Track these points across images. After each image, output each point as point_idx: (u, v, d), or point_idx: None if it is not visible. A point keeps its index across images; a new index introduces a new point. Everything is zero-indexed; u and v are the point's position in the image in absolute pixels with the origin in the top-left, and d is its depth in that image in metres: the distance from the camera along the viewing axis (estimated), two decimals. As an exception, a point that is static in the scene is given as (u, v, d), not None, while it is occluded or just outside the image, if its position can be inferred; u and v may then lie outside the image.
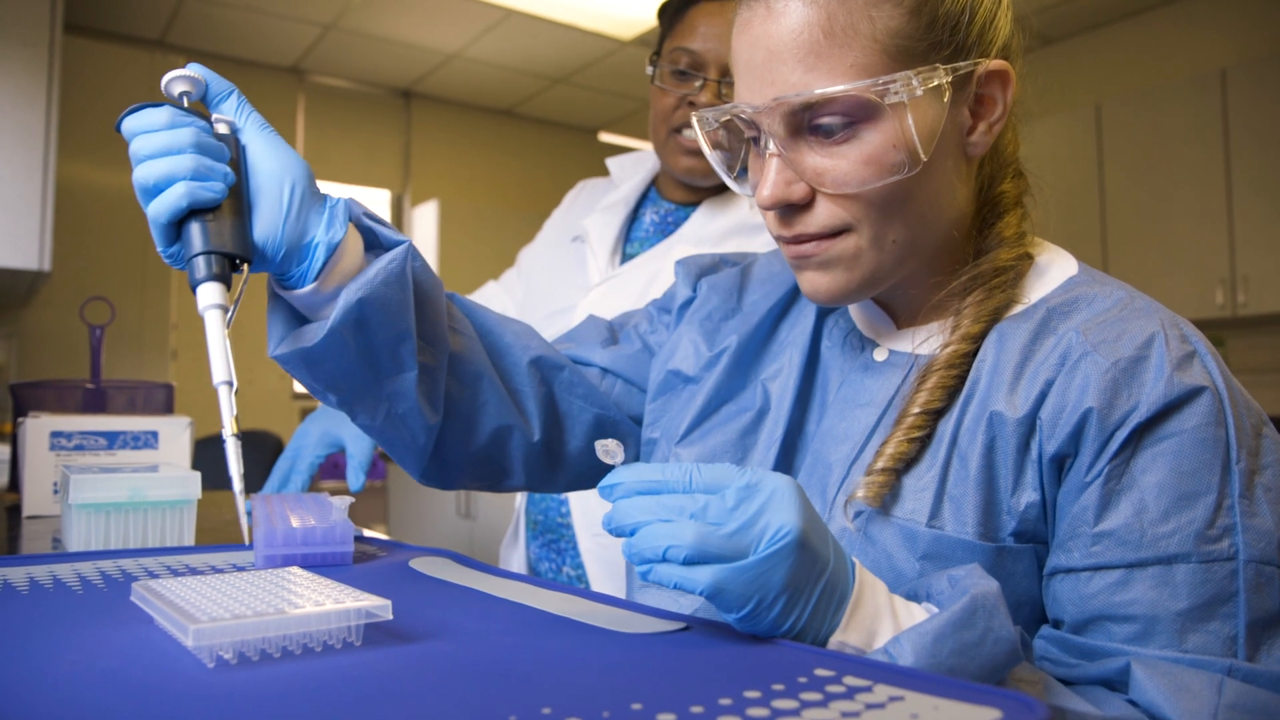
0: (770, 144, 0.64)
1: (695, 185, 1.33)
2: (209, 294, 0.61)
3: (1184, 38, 4.17)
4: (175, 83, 0.65)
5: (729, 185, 0.73)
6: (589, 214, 1.44)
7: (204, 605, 0.47)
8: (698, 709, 0.38)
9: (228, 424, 0.59)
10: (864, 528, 0.64)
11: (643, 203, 1.42)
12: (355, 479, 1.12)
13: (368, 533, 0.92)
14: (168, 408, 1.31)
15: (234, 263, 0.62)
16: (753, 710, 0.38)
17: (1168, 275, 3.85)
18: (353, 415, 0.72)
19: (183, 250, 0.62)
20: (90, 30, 4.21)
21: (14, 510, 1.19)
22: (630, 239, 1.39)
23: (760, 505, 0.50)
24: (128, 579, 0.67)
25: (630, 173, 1.45)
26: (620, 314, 0.95)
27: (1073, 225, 4.10)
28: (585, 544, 1.26)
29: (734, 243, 1.27)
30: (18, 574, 0.68)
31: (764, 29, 0.63)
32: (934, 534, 0.61)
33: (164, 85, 0.65)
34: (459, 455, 0.78)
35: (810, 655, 0.47)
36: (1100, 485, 0.58)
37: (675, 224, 1.37)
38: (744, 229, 1.29)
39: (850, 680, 0.42)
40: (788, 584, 0.49)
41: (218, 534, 0.93)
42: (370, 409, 0.71)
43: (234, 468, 0.59)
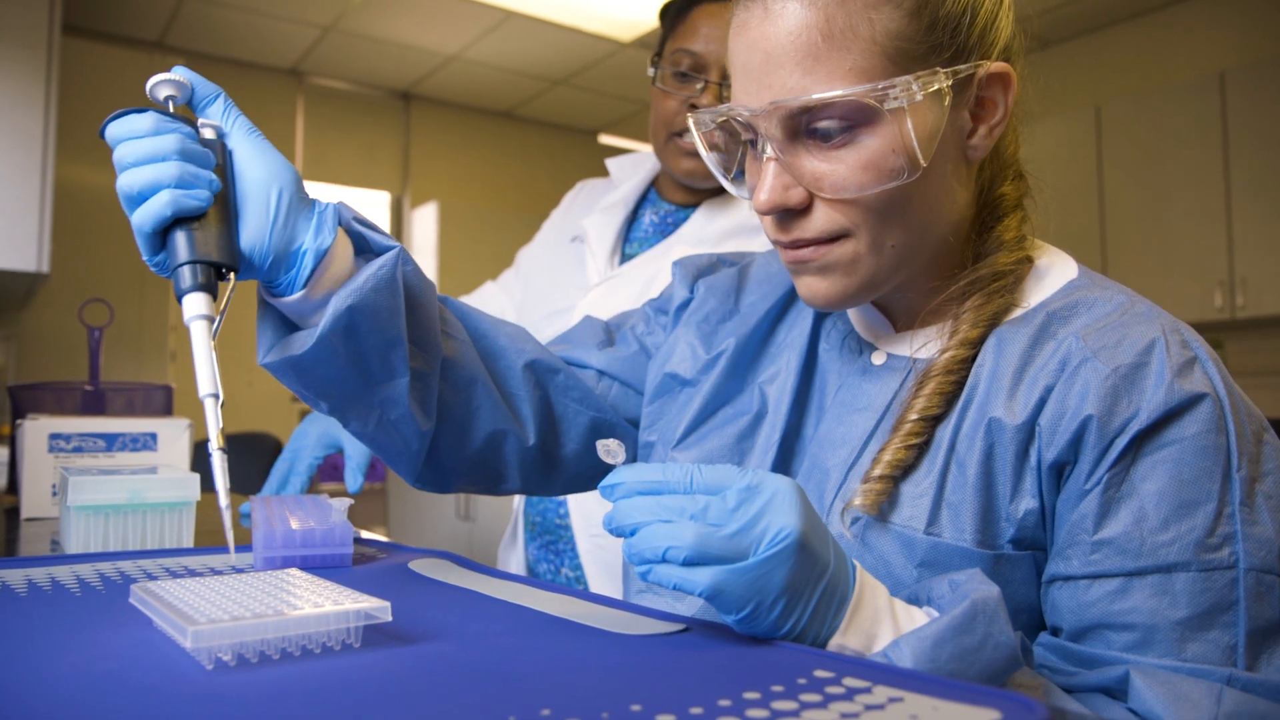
0: (768, 148, 0.63)
1: (695, 187, 1.33)
2: (194, 304, 0.59)
3: (1183, 40, 4.18)
4: (160, 86, 0.64)
5: (726, 187, 0.73)
6: (588, 214, 1.44)
7: (203, 607, 0.47)
8: (697, 710, 0.38)
9: (214, 437, 0.58)
10: (861, 535, 0.63)
11: (642, 203, 1.42)
12: (353, 480, 1.12)
13: (367, 534, 0.92)
14: (167, 410, 1.31)
15: (220, 271, 0.61)
16: (752, 712, 0.38)
17: (1166, 277, 3.85)
18: (344, 422, 0.71)
19: (168, 259, 0.60)
20: (89, 31, 4.21)
21: (12, 512, 1.19)
22: (629, 239, 1.39)
23: (761, 507, 0.50)
24: (126, 581, 0.67)
25: (630, 173, 1.45)
26: (617, 314, 0.94)
27: (1072, 227, 4.10)
28: (583, 545, 1.26)
29: (733, 244, 1.27)
30: (16, 576, 0.68)
31: (761, 31, 0.62)
32: (932, 541, 0.61)
33: (149, 89, 0.63)
34: (453, 460, 0.78)
35: (810, 657, 0.47)
36: (1100, 493, 0.58)
37: (674, 225, 1.37)
38: (743, 230, 1.29)
39: (850, 681, 0.42)
40: (787, 586, 0.49)
41: (217, 536, 0.93)
42: (362, 416, 0.70)
43: (220, 482, 0.57)
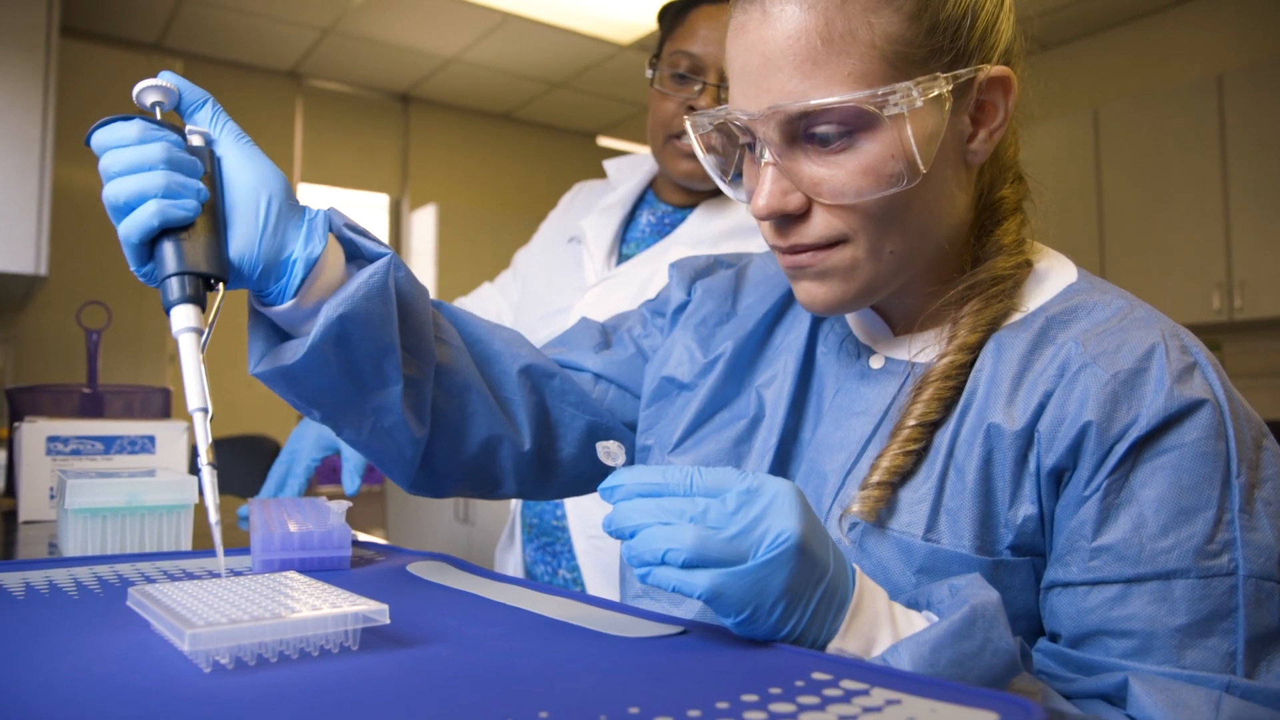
0: (766, 153, 0.62)
1: (693, 189, 1.33)
2: (182, 317, 0.58)
3: (1181, 43, 4.19)
4: (147, 92, 0.62)
5: (723, 190, 0.72)
6: (585, 216, 1.44)
7: (200, 610, 0.47)
8: (694, 713, 0.38)
9: (203, 452, 0.57)
10: (859, 541, 0.63)
11: (639, 204, 1.42)
12: (350, 482, 1.12)
13: (365, 537, 0.92)
14: (165, 412, 1.31)
15: (209, 282, 0.60)
16: (750, 714, 0.38)
17: (1164, 279, 3.86)
18: (338, 430, 0.70)
19: (156, 270, 0.59)
20: (87, 33, 4.21)
21: (10, 515, 1.18)
22: (626, 240, 1.39)
23: (761, 510, 0.49)
24: (124, 584, 0.67)
25: (627, 175, 1.45)
26: (614, 316, 0.94)
27: (1070, 229, 4.11)
28: (581, 546, 1.26)
29: (730, 244, 1.27)
30: (14, 579, 0.68)
31: (759, 34, 0.61)
32: (930, 547, 0.60)
33: (135, 95, 0.62)
34: (448, 466, 0.77)
35: (808, 659, 0.47)
36: (1099, 499, 0.57)
37: (671, 225, 1.37)
38: (741, 231, 1.29)
39: (847, 684, 0.42)
40: (786, 589, 0.49)
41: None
42: (355, 424, 0.69)
43: (210, 498, 0.56)
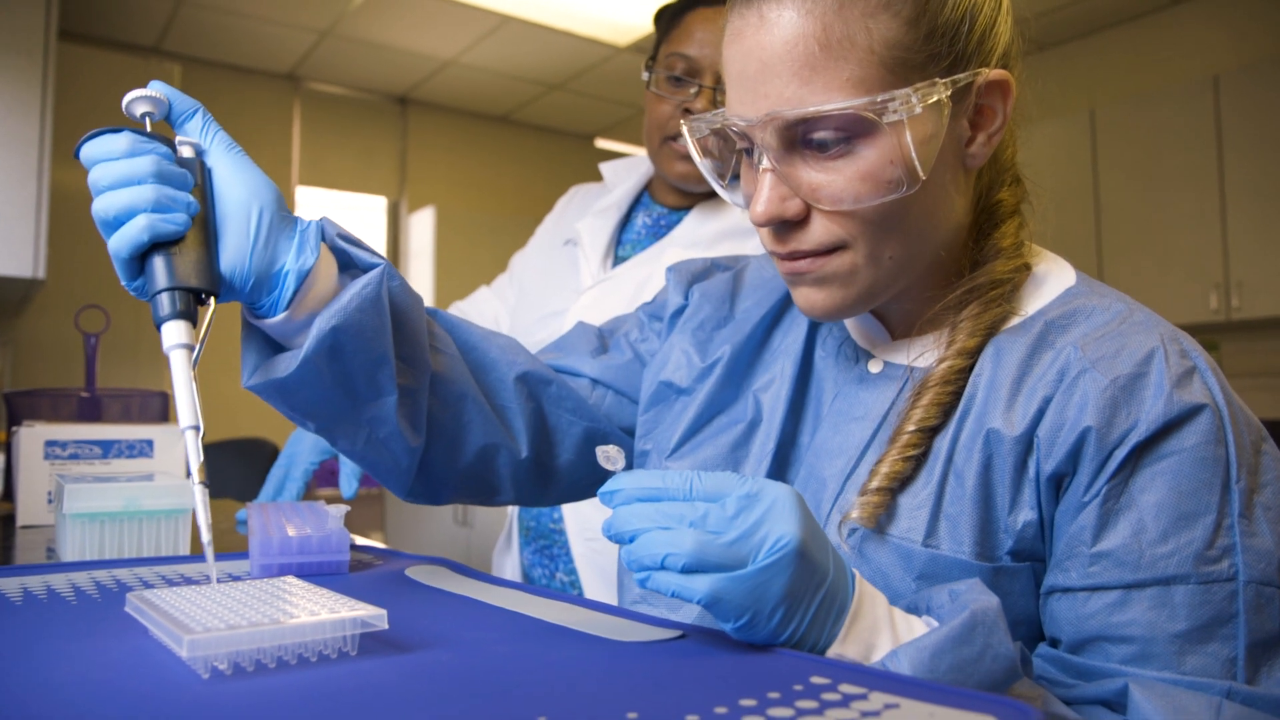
0: (764, 159, 0.62)
1: (689, 191, 1.33)
2: (173, 333, 0.57)
3: (1178, 43, 4.19)
4: (137, 103, 0.61)
5: (720, 194, 0.72)
6: (581, 218, 1.44)
7: (199, 615, 0.47)
8: (693, 718, 0.38)
9: (195, 471, 0.56)
10: (859, 547, 0.63)
11: (635, 207, 1.42)
12: (348, 486, 1.11)
13: (364, 541, 0.92)
14: (163, 416, 1.31)
15: (200, 296, 0.59)
16: (748, 718, 0.38)
17: (1162, 279, 3.86)
18: (332, 441, 0.70)
19: (146, 285, 0.59)
20: (85, 37, 4.21)
21: (8, 520, 1.18)
22: (622, 242, 1.40)
23: (760, 514, 0.49)
24: (122, 589, 0.67)
25: (623, 177, 1.45)
26: (611, 319, 0.94)
27: (1067, 229, 4.11)
28: (578, 549, 1.26)
29: (727, 246, 1.27)
30: (11, 584, 0.67)
31: (757, 39, 0.61)
32: (930, 553, 0.60)
33: (125, 106, 0.62)
34: (445, 474, 0.77)
35: (807, 663, 0.47)
36: (1098, 505, 0.57)
37: (667, 227, 1.37)
38: (737, 232, 1.29)
39: (846, 688, 0.42)
40: (786, 594, 0.49)
41: (215, 542, 0.92)
42: (350, 435, 0.69)
43: (202, 517, 0.56)
